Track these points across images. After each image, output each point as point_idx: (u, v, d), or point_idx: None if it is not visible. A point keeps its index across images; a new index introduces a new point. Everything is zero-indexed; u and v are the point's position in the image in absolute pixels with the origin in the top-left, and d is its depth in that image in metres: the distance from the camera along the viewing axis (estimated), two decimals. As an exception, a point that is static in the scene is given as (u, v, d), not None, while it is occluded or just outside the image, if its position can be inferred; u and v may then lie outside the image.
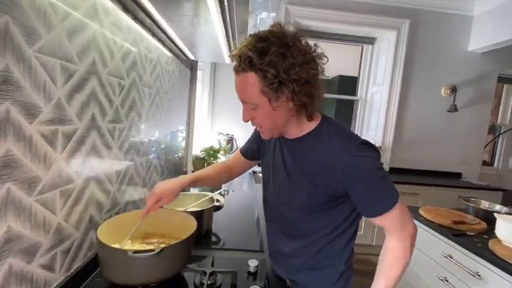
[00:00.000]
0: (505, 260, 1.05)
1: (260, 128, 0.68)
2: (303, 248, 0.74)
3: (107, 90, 0.77)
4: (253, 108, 0.63)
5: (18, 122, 0.48)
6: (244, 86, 0.60)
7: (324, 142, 0.65)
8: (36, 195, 0.53)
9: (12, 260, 0.49)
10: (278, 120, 0.64)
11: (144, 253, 0.59)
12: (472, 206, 1.57)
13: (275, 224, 0.81)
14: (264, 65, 0.55)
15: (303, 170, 0.68)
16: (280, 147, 0.74)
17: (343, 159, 0.60)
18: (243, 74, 0.59)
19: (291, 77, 0.56)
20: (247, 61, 0.57)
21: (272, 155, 0.77)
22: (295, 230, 0.75)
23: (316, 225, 0.71)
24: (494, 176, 3.35)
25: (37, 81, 0.51)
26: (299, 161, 0.69)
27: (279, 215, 0.76)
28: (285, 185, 0.72)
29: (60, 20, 0.56)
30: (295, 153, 0.70)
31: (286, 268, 0.79)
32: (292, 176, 0.70)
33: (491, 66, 2.95)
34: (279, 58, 0.55)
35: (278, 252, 0.80)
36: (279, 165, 0.74)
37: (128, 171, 0.97)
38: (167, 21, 0.94)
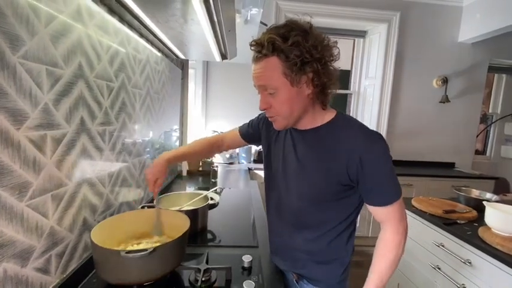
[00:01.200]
0: (494, 247, 1.08)
1: (276, 116, 0.68)
2: (313, 241, 0.74)
3: (95, 93, 0.77)
4: (272, 94, 0.64)
5: (6, 128, 0.48)
6: (265, 70, 0.62)
7: (344, 130, 0.67)
8: (28, 200, 0.54)
9: (6, 264, 0.50)
10: (296, 106, 0.66)
11: (137, 253, 0.60)
12: (463, 195, 1.60)
13: (283, 216, 0.79)
14: (288, 46, 0.58)
15: (318, 158, 0.68)
16: (292, 138, 0.75)
17: (365, 145, 0.63)
18: (265, 59, 0.61)
19: (313, 56, 0.60)
20: (270, 45, 0.59)
21: (282, 147, 0.78)
22: (305, 222, 0.75)
23: (326, 217, 0.72)
24: (487, 165, 3.40)
25: (22, 88, 0.51)
26: (314, 149, 0.70)
27: (289, 206, 0.76)
28: (297, 174, 0.72)
29: (43, 25, 0.56)
30: (309, 142, 0.71)
31: (293, 262, 0.79)
32: (306, 165, 0.70)
33: (482, 56, 2.98)
34: (302, 39, 0.59)
35: (284, 245, 0.80)
36: (289, 156, 0.74)
37: (120, 172, 0.98)
38: (154, 22, 0.94)
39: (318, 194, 0.70)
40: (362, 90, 3.18)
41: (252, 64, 0.65)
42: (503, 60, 3.09)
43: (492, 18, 2.59)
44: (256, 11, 1.63)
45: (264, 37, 0.60)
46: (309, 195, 0.72)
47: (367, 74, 3.10)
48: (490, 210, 1.18)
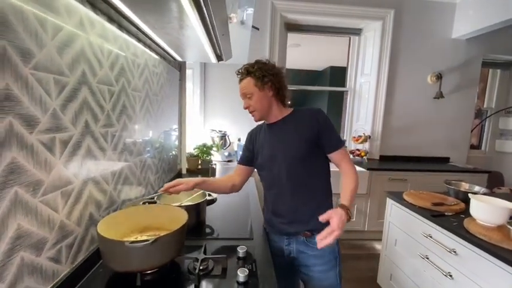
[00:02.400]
0: (477, 236, 1.14)
1: (253, 111, 1.04)
2: (310, 199, 1.02)
3: (98, 98, 0.83)
4: (250, 97, 1.03)
5: (21, 132, 0.54)
6: (245, 84, 1.03)
7: (301, 112, 1.06)
8: (40, 196, 0.60)
9: (24, 253, 0.56)
10: (265, 103, 1.03)
11: (140, 243, 0.66)
12: (452, 188, 1.66)
13: (283, 189, 1.03)
14: (254, 69, 1.02)
15: (290, 133, 1.02)
16: (269, 132, 1.08)
17: (318, 112, 1.03)
18: (244, 79, 1.03)
19: (269, 73, 1.02)
20: (245, 71, 1.04)
21: (266, 142, 1.08)
22: (300, 184, 1.01)
23: (312, 177, 1.02)
24: (482, 159, 3.45)
25: (34, 96, 0.57)
26: (287, 129, 1.03)
27: (285, 176, 1.01)
28: (280, 149, 1.02)
29: (50, 37, 0.62)
30: (282, 127, 1.05)
31: (302, 223, 1.01)
32: (284, 140, 1.03)
33: (475, 52, 3.03)
34: (262, 65, 1.03)
35: (292, 212, 1.02)
36: (274, 142, 1.05)
37: (122, 171, 1.04)
38: (151, 28, 1.00)
39: (297, 152, 1.00)
40: (358, 87, 3.23)
41: (239, 82, 1.06)
42: (496, 56, 3.13)
43: (485, 14, 2.63)
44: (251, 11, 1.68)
45: (242, 68, 1.06)
46: (293, 155, 1.00)
47: (363, 71, 3.15)
48: (475, 202, 1.24)
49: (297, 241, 1.04)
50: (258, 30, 2.57)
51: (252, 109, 1.03)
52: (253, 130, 1.20)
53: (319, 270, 1.01)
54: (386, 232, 1.78)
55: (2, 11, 0.49)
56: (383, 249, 1.81)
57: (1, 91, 0.49)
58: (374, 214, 2.64)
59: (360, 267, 2.25)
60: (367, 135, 2.99)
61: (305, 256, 1.03)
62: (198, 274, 0.76)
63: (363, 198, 2.62)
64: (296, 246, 1.04)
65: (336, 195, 1.00)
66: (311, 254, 1.01)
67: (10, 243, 0.53)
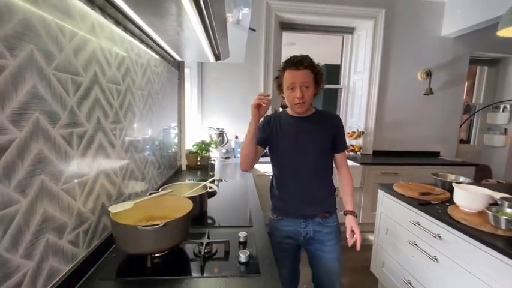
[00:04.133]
0: (459, 222, 1.24)
1: (304, 102, 1.12)
2: (326, 184, 1.23)
3: (107, 96, 0.90)
4: (307, 87, 1.11)
5: (45, 127, 0.60)
6: (306, 75, 1.10)
7: (326, 114, 1.25)
8: (61, 185, 0.67)
9: (49, 235, 0.63)
10: (312, 98, 1.16)
11: (151, 227, 0.73)
12: (439, 179, 1.76)
13: (304, 174, 1.19)
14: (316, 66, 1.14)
15: (321, 129, 1.19)
16: (295, 124, 1.20)
17: (338, 118, 1.26)
18: (305, 69, 1.10)
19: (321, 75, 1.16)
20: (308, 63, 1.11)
21: (291, 131, 1.20)
22: (319, 171, 1.20)
23: (327, 166, 1.23)
24: (471, 153, 3.58)
25: (55, 94, 0.64)
26: (316, 125, 1.19)
27: (308, 164, 1.18)
28: (310, 141, 1.18)
29: (68, 41, 0.68)
30: (311, 123, 1.20)
31: (319, 205, 1.21)
32: (316, 135, 1.19)
33: (463, 49, 3.14)
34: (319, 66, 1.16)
35: (311, 196, 1.19)
36: (302, 134, 1.18)
37: (129, 165, 1.10)
38: (154, 31, 1.06)
39: (325, 146, 1.20)
40: (351, 85, 3.32)
41: (291, 70, 1.10)
42: (483, 53, 3.25)
43: (472, 12, 2.73)
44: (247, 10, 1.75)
45: (304, 59, 1.11)
46: (321, 149, 1.19)
47: (356, 69, 3.24)
48: (458, 190, 1.33)
49: (313, 222, 1.21)
50: (255, 32, 2.64)
51: (304, 100, 1.11)
52: (270, 116, 1.27)
53: (331, 244, 1.21)
54: (378, 222, 1.87)
55: (29, 19, 0.55)
56: (375, 238, 1.90)
57: (30, 89, 0.56)
58: (368, 207, 2.74)
59: (354, 258, 2.34)
60: (360, 131, 3.08)
61: (321, 234, 1.21)
62: (203, 256, 0.84)
63: (357, 192, 2.71)
64: (312, 227, 1.21)
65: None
66: (325, 231, 1.21)
67: (38, 225, 0.59)
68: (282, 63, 1.16)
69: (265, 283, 0.75)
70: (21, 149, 0.54)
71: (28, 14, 0.55)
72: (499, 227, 1.11)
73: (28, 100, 0.55)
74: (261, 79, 2.93)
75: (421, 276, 1.43)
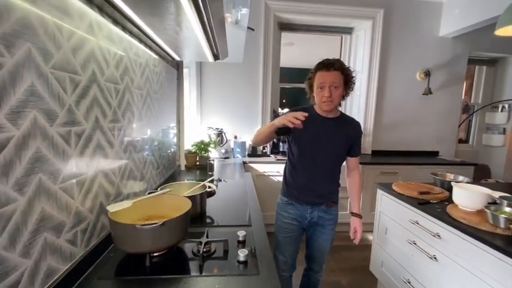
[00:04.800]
0: (458, 220, 1.24)
1: (331, 101, 1.21)
2: (335, 179, 1.40)
3: (106, 95, 0.90)
4: (336, 88, 1.20)
5: (43, 125, 0.60)
6: (336, 76, 1.19)
7: (350, 119, 1.39)
8: (59, 184, 0.66)
9: (46, 234, 0.63)
10: (340, 99, 1.25)
11: (150, 225, 0.73)
12: (438, 178, 1.76)
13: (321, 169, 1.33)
14: (347, 69, 1.24)
15: (343, 132, 1.32)
16: (323, 123, 1.31)
17: (359, 125, 1.39)
18: (336, 70, 1.19)
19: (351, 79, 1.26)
20: (339, 66, 1.20)
21: (316, 129, 1.30)
22: (333, 169, 1.38)
23: (340, 165, 1.40)
24: (469, 152, 3.59)
25: (53, 92, 0.64)
26: (340, 128, 1.32)
27: (327, 160, 1.33)
28: (335, 142, 1.31)
29: (66, 40, 0.68)
30: (336, 124, 1.31)
31: (328, 196, 1.37)
32: (338, 137, 1.31)
33: (462, 49, 3.15)
34: (349, 70, 1.25)
35: (323, 188, 1.35)
36: (327, 133, 1.30)
37: (127, 165, 1.10)
38: (153, 30, 1.06)
39: (340, 149, 1.35)
40: (350, 85, 3.32)
41: (322, 71, 1.21)
42: (482, 53, 3.26)
43: (470, 13, 2.74)
44: (245, 11, 1.75)
45: (335, 61, 1.21)
46: (338, 151, 1.34)
47: (355, 68, 3.21)
48: (457, 189, 1.33)
49: (318, 209, 1.38)
50: (253, 31, 2.65)
51: (332, 99, 1.21)
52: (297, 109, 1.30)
53: (330, 228, 1.41)
54: (377, 222, 1.87)
55: (28, 17, 0.55)
56: (374, 238, 1.90)
57: (28, 87, 0.56)
58: (367, 207, 2.74)
59: (354, 257, 2.35)
60: (359, 131, 3.08)
61: (323, 219, 1.39)
62: (201, 255, 0.84)
63: (356, 191, 2.71)
64: (318, 213, 1.38)
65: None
66: (327, 218, 1.40)
67: (36, 224, 0.59)
68: (315, 66, 1.27)
69: (264, 282, 0.75)
70: (19, 147, 0.54)
71: (26, 12, 0.55)
72: (498, 226, 1.11)
73: (26, 98, 0.55)
74: (259, 79, 2.93)
75: (421, 275, 1.43)
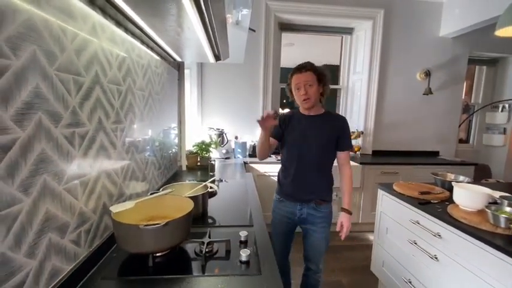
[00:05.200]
0: (459, 220, 1.24)
1: (308, 99, 1.31)
2: (325, 176, 1.41)
3: (108, 96, 0.90)
4: (310, 85, 1.29)
5: (48, 126, 0.61)
6: (308, 75, 1.29)
7: (334, 116, 1.42)
8: (64, 184, 0.67)
9: (51, 234, 0.63)
10: (317, 95, 1.33)
11: (153, 226, 0.74)
12: (439, 178, 1.77)
13: (308, 166, 1.36)
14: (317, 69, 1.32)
15: (327, 128, 1.36)
16: (306, 121, 1.38)
17: (344, 120, 1.40)
18: (307, 71, 1.30)
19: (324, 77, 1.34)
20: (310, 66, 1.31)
21: (300, 127, 1.38)
22: (321, 164, 1.38)
23: (329, 160, 1.40)
24: (470, 152, 3.59)
25: (58, 94, 0.64)
26: (323, 124, 1.36)
27: (313, 157, 1.35)
28: (316, 137, 1.35)
29: (70, 42, 0.69)
30: (319, 121, 1.37)
31: (317, 193, 1.38)
32: (321, 133, 1.35)
33: (462, 49, 3.15)
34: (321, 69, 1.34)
35: (311, 184, 1.38)
36: (310, 130, 1.36)
37: (130, 166, 1.11)
38: (154, 31, 1.06)
39: (326, 144, 1.36)
40: (350, 85, 3.33)
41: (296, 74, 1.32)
42: (482, 53, 3.27)
43: (470, 13, 2.74)
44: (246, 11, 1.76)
45: (306, 63, 1.32)
46: (324, 145, 1.36)
47: (355, 69, 3.25)
48: (457, 189, 1.34)
49: (308, 206, 1.39)
50: (255, 32, 2.65)
51: (308, 96, 1.30)
52: (285, 114, 1.47)
53: (321, 226, 1.41)
54: (378, 222, 1.87)
55: (32, 20, 0.56)
56: (375, 238, 1.91)
57: (33, 89, 0.56)
58: (367, 207, 2.74)
59: (355, 257, 2.35)
60: (360, 131, 3.09)
61: (313, 217, 1.40)
62: (204, 255, 0.84)
63: (357, 191, 2.72)
64: (307, 210, 1.40)
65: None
66: (318, 215, 1.40)
67: (40, 225, 0.60)
68: (290, 73, 1.37)
69: (266, 282, 0.75)
70: (24, 149, 0.54)
71: (31, 14, 0.56)
72: (499, 226, 1.12)
73: (31, 100, 0.56)
74: (260, 79, 2.94)
75: (421, 275, 1.44)
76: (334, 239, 2.66)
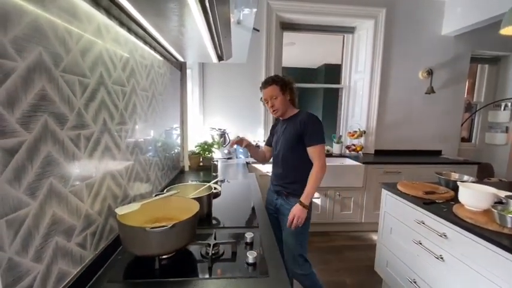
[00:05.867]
0: (465, 220, 1.23)
1: (276, 110, 1.48)
2: (294, 172, 1.48)
3: (113, 97, 0.89)
4: (275, 98, 1.45)
5: (54, 129, 0.60)
6: (272, 89, 1.45)
7: (301, 114, 1.48)
8: (70, 187, 0.66)
9: (58, 238, 0.63)
10: (284, 104, 1.48)
11: (159, 228, 0.73)
12: (443, 178, 1.76)
13: (280, 163, 1.52)
14: (279, 80, 1.46)
15: (292, 127, 1.47)
16: (282, 125, 1.56)
17: (308, 117, 1.45)
18: (270, 85, 1.46)
19: (287, 85, 1.48)
20: (271, 80, 1.46)
21: (279, 131, 1.57)
22: (289, 161, 1.49)
23: (298, 157, 1.46)
24: (472, 151, 3.58)
25: (63, 96, 0.63)
26: (290, 125, 1.49)
27: (282, 156, 1.50)
28: (284, 138, 1.50)
29: (75, 43, 0.68)
30: (289, 123, 1.51)
31: (286, 186, 1.50)
32: (287, 132, 1.49)
33: (464, 48, 3.14)
34: (282, 79, 1.48)
35: (283, 178, 1.51)
36: (282, 132, 1.53)
37: (134, 167, 1.10)
38: (158, 31, 1.06)
39: (290, 141, 1.46)
40: (352, 84, 3.32)
41: (263, 90, 1.49)
42: (484, 51, 3.25)
43: (472, 11, 2.73)
44: (248, 11, 1.75)
45: (268, 78, 1.49)
46: (288, 142, 1.47)
47: (357, 68, 3.24)
48: (463, 189, 1.33)
49: (280, 198, 1.53)
50: (258, 32, 2.64)
51: (276, 108, 1.47)
52: (275, 122, 1.70)
53: None
54: (382, 221, 1.87)
55: (38, 21, 0.55)
56: (379, 238, 1.90)
57: (38, 92, 0.56)
58: (370, 206, 2.74)
59: (358, 257, 2.34)
60: (362, 130, 3.08)
61: (284, 208, 1.50)
62: (210, 257, 0.83)
63: (359, 191, 2.71)
64: (280, 201, 1.53)
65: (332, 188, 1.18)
66: (287, 207, 1.48)
67: (47, 228, 0.59)
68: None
69: (274, 284, 0.74)
70: (31, 152, 0.54)
71: (36, 15, 0.55)
72: (505, 226, 1.11)
73: (37, 102, 0.55)
74: (262, 79, 2.91)
75: (426, 275, 1.43)
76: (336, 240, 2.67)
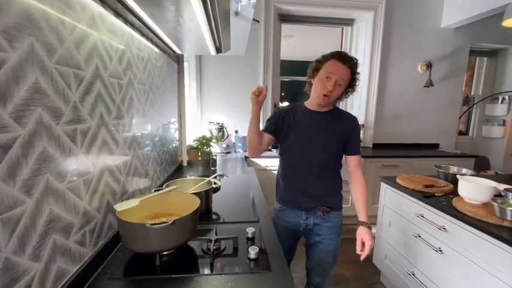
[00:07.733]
0: (464, 213, 1.24)
1: (330, 97, 1.11)
2: (333, 182, 1.24)
3: (109, 91, 0.87)
4: (340, 85, 1.10)
5: (49, 124, 0.58)
6: (345, 73, 1.09)
7: (344, 114, 1.24)
8: (67, 184, 0.64)
9: (55, 236, 0.61)
10: (338, 97, 1.15)
11: (159, 225, 0.71)
12: (442, 171, 1.76)
13: (320, 174, 1.19)
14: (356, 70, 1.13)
15: (334, 127, 1.19)
16: (311, 117, 1.20)
17: (355, 120, 1.25)
18: (348, 67, 1.09)
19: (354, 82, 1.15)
20: (354, 63, 1.11)
21: (304, 124, 1.20)
22: (326, 169, 1.20)
23: (335, 164, 1.24)
24: (469, 144, 3.60)
25: (58, 89, 0.61)
26: (331, 123, 1.19)
27: (316, 161, 1.18)
28: (324, 138, 1.18)
29: (68, 33, 0.65)
30: (327, 119, 1.19)
31: (323, 200, 1.20)
32: (328, 132, 1.18)
33: (463, 40, 3.12)
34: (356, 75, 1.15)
35: (320, 191, 1.20)
36: (315, 128, 1.18)
37: (132, 162, 1.08)
38: (155, 22, 1.02)
39: (333, 145, 1.19)
40: (351, 77, 3.29)
41: (336, 61, 1.09)
42: (483, 44, 3.23)
43: (473, 3, 2.70)
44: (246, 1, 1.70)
45: (353, 57, 1.13)
46: (331, 146, 1.19)
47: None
48: (462, 182, 1.33)
49: (314, 216, 1.22)
50: (258, 23, 2.59)
51: (331, 94, 1.11)
52: (287, 107, 1.28)
53: (329, 238, 1.23)
54: (381, 215, 1.87)
55: (29, 9, 0.52)
56: (378, 231, 1.91)
57: (32, 84, 0.53)
58: (369, 200, 2.74)
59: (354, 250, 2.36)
60: (360, 124, 3.07)
61: (321, 227, 1.23)
62: (212, 253, 0.82)
63: (358, 184, 2.71)
64: (313, 220, 1.22)
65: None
66: (326, 225, 1.22)
67: (44, 226, 0.57)
68: (330, 53, 1.14)
69: (276, 279, 0.74)
70: (25, 147, 0.51)
71: (27, 4, 0.52)
72: (505, 219, 1.11)
73: (30, 96, 0.53)
74: (260, 71, 2.89)
75: (425, 267, 1.44)
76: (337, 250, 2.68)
